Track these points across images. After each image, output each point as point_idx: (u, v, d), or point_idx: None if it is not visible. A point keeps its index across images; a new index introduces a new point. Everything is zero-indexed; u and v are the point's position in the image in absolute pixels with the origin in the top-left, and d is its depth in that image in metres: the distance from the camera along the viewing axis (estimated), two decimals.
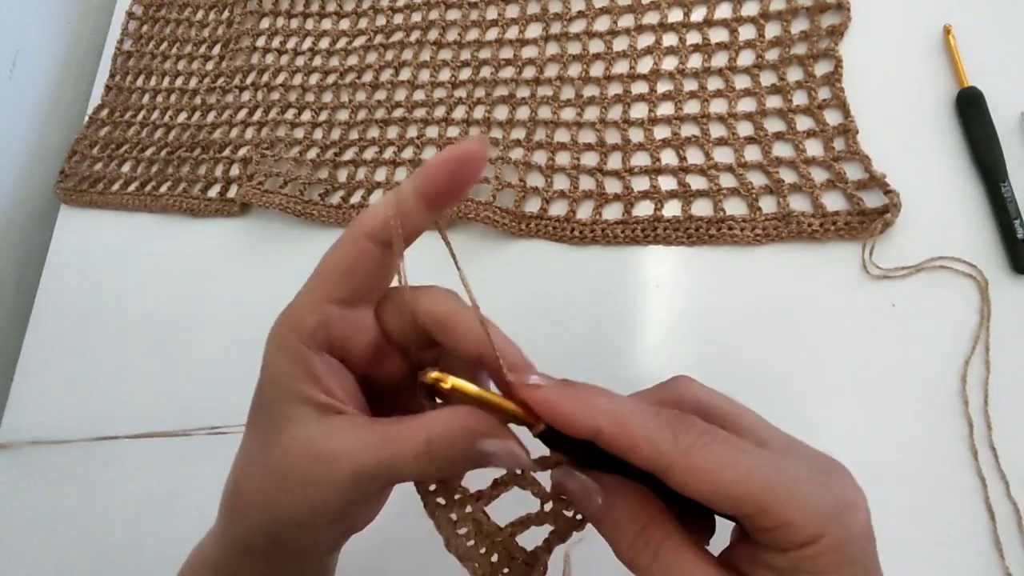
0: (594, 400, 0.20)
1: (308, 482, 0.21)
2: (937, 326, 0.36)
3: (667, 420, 0.19)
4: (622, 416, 0.19)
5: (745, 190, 0.40)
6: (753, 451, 0.19)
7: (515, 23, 0.50)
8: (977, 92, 0.38)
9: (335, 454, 0.21)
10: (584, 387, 0.20)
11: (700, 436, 0.19)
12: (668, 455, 0.18)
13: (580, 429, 0.19)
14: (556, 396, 0.20)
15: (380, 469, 0.21)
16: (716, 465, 0.18)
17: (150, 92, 0.61)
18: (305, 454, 0.21)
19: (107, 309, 0.54)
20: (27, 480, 0.51)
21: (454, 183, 0.21)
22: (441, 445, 0.21)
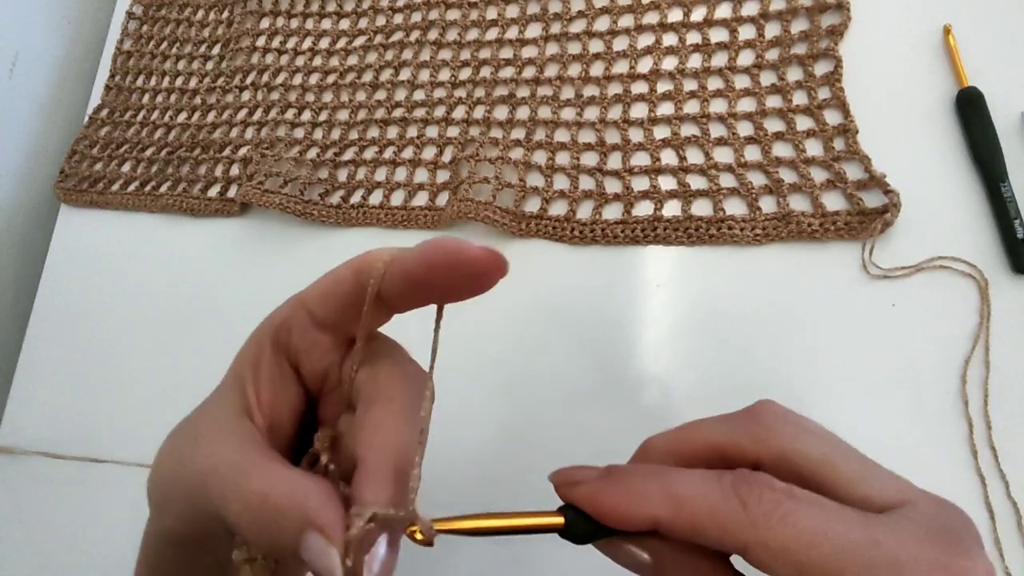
0: (644, 486, 0.17)
1: (182, 457, 0.20)
2: (937, 326, 0.36)
3: (732, 487, 0.17)
4: (678, 497, 0.17)
5: (745, 190, 0.40)
6: (845, 519, 0.16)
7: (515, 23, 0.50)
8: (977, 92, 0.38)
9: (204, 446, 0.20)
10: (631, 471, 0.18)
11: (777, 505, 0.16)
12: (740, 532, 0.16)
13: (636, 523, 0.17)
14: (602, 490, 0.18)
15: (216, 492, 0.18)
16: (799, 542, 0.15)
17: (150, 92, 0.61)
18: (195, 431, 0.21)
19: (107, 309, 0.54)
20: (27, 482, 0.51)
21: (445, 281, 0.19)
22: (272, 516, 0.17)
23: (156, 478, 0.21)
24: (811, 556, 0.15)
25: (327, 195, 0.49)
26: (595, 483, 0.18)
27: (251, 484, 0.18)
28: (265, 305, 0.24)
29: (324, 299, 0.21)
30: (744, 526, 0.16)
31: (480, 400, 0.41)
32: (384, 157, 0.50)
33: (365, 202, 0.49)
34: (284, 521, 0.17)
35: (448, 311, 0.21)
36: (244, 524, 0.18)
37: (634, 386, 0.39)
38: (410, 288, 0.19)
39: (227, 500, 0.18)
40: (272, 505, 0.17)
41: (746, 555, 0.16)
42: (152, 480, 0.22)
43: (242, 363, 0.22)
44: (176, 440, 0.22)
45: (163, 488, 0.21)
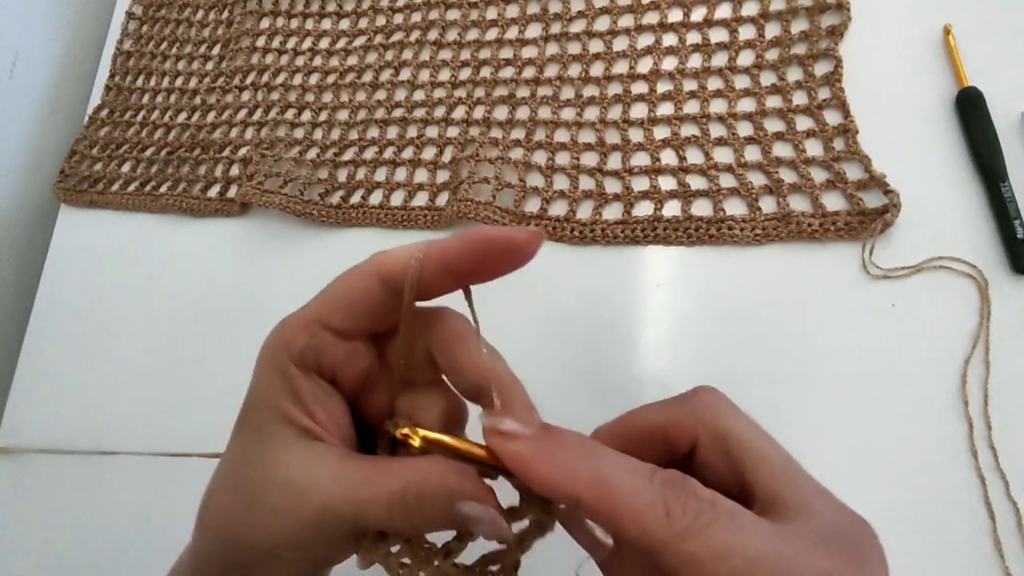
0: (575, 462, 0.17)
1: (274, 508, 0.20)
2: (937, 326, 0.36)
3: (661, 490, 0.17)
4: (606, 484, 0.17)
5: (745, 190, 0.40)
6: (758, 532, 0.17)
7: (515, 23, 0.50)
8: (977, 92, 0.38)
9: (306, 485, 0.20)
10: (566, 441, 0.18)
11: (698, 516, 0.16)
12: (658, 537, 0.16)
13: (557, 494, 0.18)
14: (531, 454, 0.18)
15: (349, 511, 0.19)
16: (712, 554, 0.16)
17: (150, 92, 0.61)
18: (277, 478, 0.20)
19: (107, 309, 0.54)
20: (26, 483, 0.51)
21: (487, 267, 0.20)
22: (417, 499, 0.19)
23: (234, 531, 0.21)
24: (717, 569, 0.16)
25: (327, 195, 0.49)
26: (525, 443, 0.18)
27: (383, 486, 0.19)
28: (265, 305, 0.24)
29: (351, 311, 0.21)
30: (663, 532, 0.16)
31: None
32: (384, 157, 0.50)
33: (365, 202, 0.49)
34: (432, 502, 0.19)
35: None
36: (393, 519, 0.19)
37: (634, 386, 0.39)
38: (447, 279, 0.20)
39: (366, 510, 0.19)
40: (415, 493, 0.19)
41: (657, 557, 0.17)
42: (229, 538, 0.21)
43: (272, 397, 0.21)
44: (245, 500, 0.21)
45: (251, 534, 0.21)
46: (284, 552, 0.20)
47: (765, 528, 0.17)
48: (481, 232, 0.19)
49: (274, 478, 0.20)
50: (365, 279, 0.20)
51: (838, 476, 0.34)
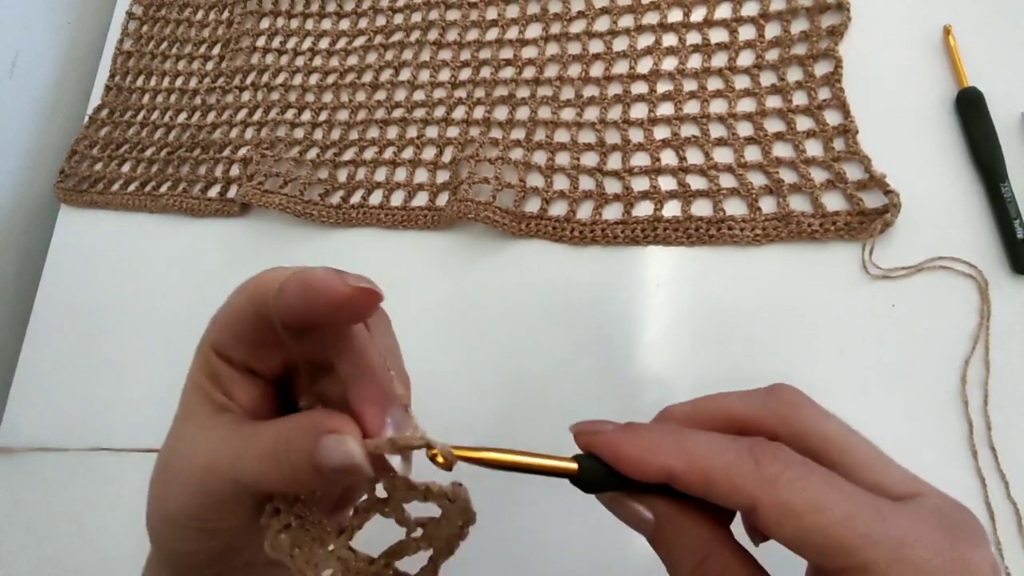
0: (660, 439, 0.18)
1: (178, 475, 0.21)
2: (937, 326, 0.36)
3: (747, 447, 0.17)
4: (692, 451, 0.17)
5: (745, 190, 0.40)
6: (857, 494, 0.16)
7: (515, 23, 0.50)
8: (977, 92, 0.38)
9: (198, 448, 0.21)
10: (648, 427, 0.19)
11: (789, 467, 0.16)
12: (751, 488, 0.16)
13: (650, 473, 0.18)
14: (619, 440, 0.19)
15: (227, 468, 0.20)
16: (808, 504, 0.16)
17: (150, 92, 0.61)
18: (183, 447, 0.21)
19: (107, 309, 0.54)
20: (27, 483, 0.51)
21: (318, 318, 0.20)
22: (285, 443, 0.19)
23: (155, 505, 0.22)
24: (815, 520, 0.15)
25: (327, 195, 0.49)
26: (614, 433, 0.19)
27: (259, 439, 0.20)
28: None
29: (234, 323, 0.22)
30: (755, 483, 0.16)
31: (479, 400, 0.41)
32: (384, 157, 0.50)
33: (365, 202, 0.49)
34: (298, 443, 0.19)
35: (447, 311, 0.21)
36: (264, 469, 0.19)
37: (634, 386, 0.39)
38: (297, 318, 0.20)
39: (242, 464, 0.19)
40: (284, 439, 0.19)
41: (753, 512, 0.16)
42: (151, 512, 0.22)
43: (196, 377, 0.22)
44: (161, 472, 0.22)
45: (162, 506, 0.22)
46: (184, 520, 0.21)
47: (865, 493, 0.17)
48: (310, 283, 0.19)
49: (182, 447, 0.21)
50: (242, 299, 0.22)
51: None
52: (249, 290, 0.21)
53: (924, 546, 0.15)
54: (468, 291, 0.44)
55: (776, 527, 0.16)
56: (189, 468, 0.20)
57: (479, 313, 0.43)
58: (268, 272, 0.21)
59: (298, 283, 0.20)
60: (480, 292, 0.44)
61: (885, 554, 0.15)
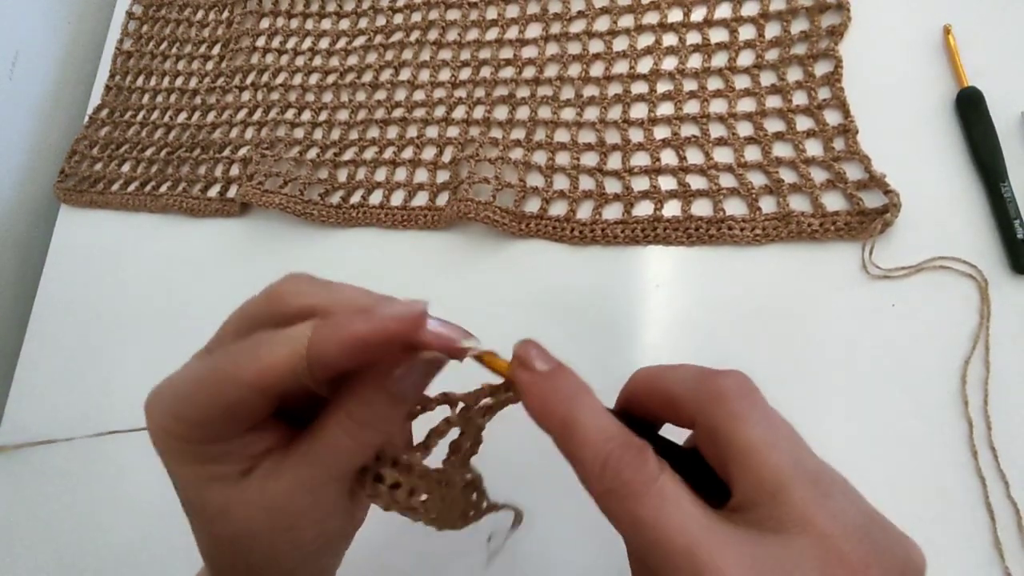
0: (555, 404, 0.20)
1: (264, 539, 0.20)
2: (937, 326, 0.36)
3: (609, 448, 0.18)
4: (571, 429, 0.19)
5: (745, 190, 0.40)
6: (688, 519, 0.17)
7: (515, 23, 0.50)
8: (977, 92, 0.38)
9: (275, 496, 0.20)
10: (558, 386, 0.20)
11: (628, 483, 0.18)
12: (591, 487, 0.18)
13: (538, 423, 0.20)
14: (528, 386, 0.20)
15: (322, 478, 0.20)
16: (628, 520, 0.18)
17: (150, 92, 0.61)
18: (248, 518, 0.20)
19: (107, 309, 0.54)
20: (27, 481, 0.51)
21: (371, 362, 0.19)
22: (367, 410, 0.20)
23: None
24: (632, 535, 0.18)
25: (327, 195, 0.49)
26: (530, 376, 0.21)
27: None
28: None
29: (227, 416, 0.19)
30: (595, 484, 0.18)
31: None
32: (384, 157, 0.50)
33: (365, 202, 0.49)
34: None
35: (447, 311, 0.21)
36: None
37: None
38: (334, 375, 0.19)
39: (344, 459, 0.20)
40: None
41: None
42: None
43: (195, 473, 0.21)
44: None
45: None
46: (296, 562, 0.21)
47: (702, 520, 0.17)
48: (357, 332, 0.18)
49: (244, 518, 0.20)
50: (240, 391, 0.19)
51: None
52: (249, 382, 0.19)
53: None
54: (468, 291, 0.44)
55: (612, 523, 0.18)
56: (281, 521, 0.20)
57: (479, 313, 0.43)
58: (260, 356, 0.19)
59: (331, 342, 0.18)
60: (480, 292, 0.44)
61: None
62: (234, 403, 0.19)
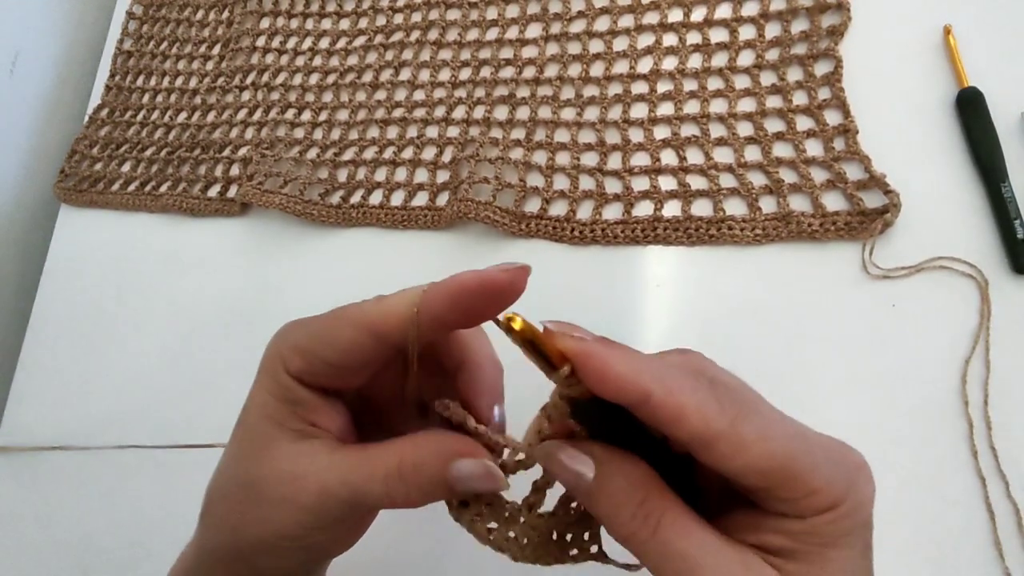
0: (641, 363, 0.18)
1: (274, 501, 0.21)
2: (937, 326, 0.36)
3: (711, 388, 0.18)
4: (671, 383, 0.17)
5: (745, 190, 0.40)
6: (783, 423, 0.19)
7: (515, 23, 0.50)
8: (977, 92, 0.38)
9: (303, 474, 0.21)
10: (627, 349, 0.19)
11: (741, 407, 0.18)
12: (716, 426, 0.17)
13: (628, 393, 0.17)
14: (606, 354, 0.18)
15: (346, 490, 0.21)
16: (757, 436, 0.17)
17: (150, 92, 0.61)
18: (275, 474, 0.21)
19: (107, 309, 0.54)
20: (27, 482, 0.51)
21: (475, 315, 0.21)
22: (413, 467, 0.20)
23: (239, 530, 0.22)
24: (763, 448, 0.17)
25: (327, 195, 0.49)
26: (598, 345, 0.18)
27: (379, 462, 0.21)
28: (265, 305, 0.24)
29: (344, 358, 0.21)
30: (719, 422, 0.17)
31: None
32: (384, 157, 0.50)
33: (365, 202, 0.49)
34: (429, 467, 0.20)
35: None
36: (390, 491, 0.21)
37: None
38: (439, 328, 0.21)
39: (364, 487, 0.21)
40: (411, 463, 0.21)
41: (710, 448, 0.17)
42: (230, 538, 0.22)
43: (270, 404, 0.22)
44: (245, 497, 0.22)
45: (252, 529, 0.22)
46: (284, 543, 0.21)
47: (789, 423, 0.19)
48: (465, 284, 0.20)
49: (275, 472, 0.21)
50: (359, 333, 0.21)
51: None
52: (368, 324, 0.21)
53: (831, 453, 0.19)
54: None
55: (730, 459, 0.17)
56: (294, 492, 0.21)
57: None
58: (384, 304, 0.21)
59: (447, 291, 0.20)
60: None
61: (809, 467, 0.18)
62: (350, 343, 0.21)
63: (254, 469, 0.22)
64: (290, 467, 0.21)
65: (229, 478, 0.23)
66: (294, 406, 0.22)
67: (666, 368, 0.18)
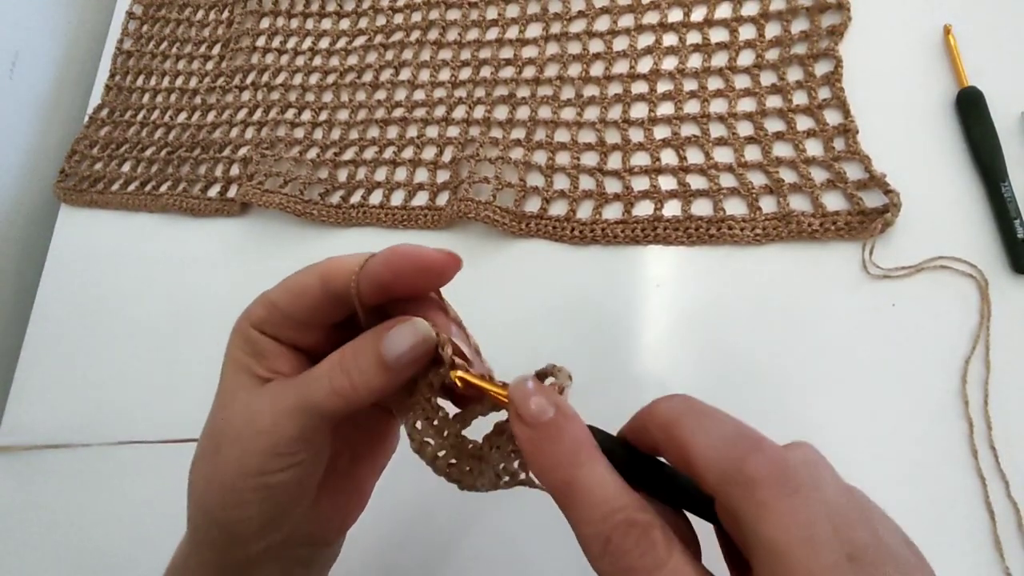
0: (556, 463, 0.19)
1: (231, 438, 0.22)
2: (937, 326, 0.36)
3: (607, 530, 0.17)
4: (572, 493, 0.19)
5: (745, 190, 0.40)
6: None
7: (515, 23, 0.50)
8: (977, 92, 0.38)
9: (259, 407, 0.22)
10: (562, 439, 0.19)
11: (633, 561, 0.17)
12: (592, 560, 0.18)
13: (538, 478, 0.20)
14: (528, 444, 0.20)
15: (295, 399, 0.21)
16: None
17: (150, 92, 0.61)
18: (235, 415, 0.22)
19: (107, 309, 0.54)
20: (28, 482, 0.51)
21: (408, 284, 0.22)
22: (352, 353, 0.21)
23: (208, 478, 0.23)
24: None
25: (327, 195, 0.49)
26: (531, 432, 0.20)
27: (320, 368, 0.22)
28: None
29: (297, 302, 0.23)
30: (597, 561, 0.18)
31: None
32: (384, 157, 0.50)
33: (365, 202, 0.49)
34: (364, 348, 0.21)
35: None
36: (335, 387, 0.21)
37: (634, 386, 0.39)
38: (378, 290, 0.22)
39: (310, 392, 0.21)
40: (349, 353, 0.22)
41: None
42: (201, 488, 0.23)
43: (236, 354, 0.24)
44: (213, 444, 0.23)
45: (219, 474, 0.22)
46: (247, 482, 0.22)
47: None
48: (403, 250, 0.21)
49: (235, 413, 0.22)
50: (309, 278, 0.22)
51: None
52: (319, 271, 0.22)
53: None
54: (468, 291, 0.44)
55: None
56: (252, 425, 0.22)
57: (479, 313, 0.43)
58: (336, 258, 0.22)
59: (385, 255, 0.21)
60: (480, 292, 0.44)
61: None
62: (302, 286, 0.22)
63: (219, 418, 0.23)
64: (248, 406, 0.22)
65: (204, 439, 0.23)
66: (257, 357, 0.23)
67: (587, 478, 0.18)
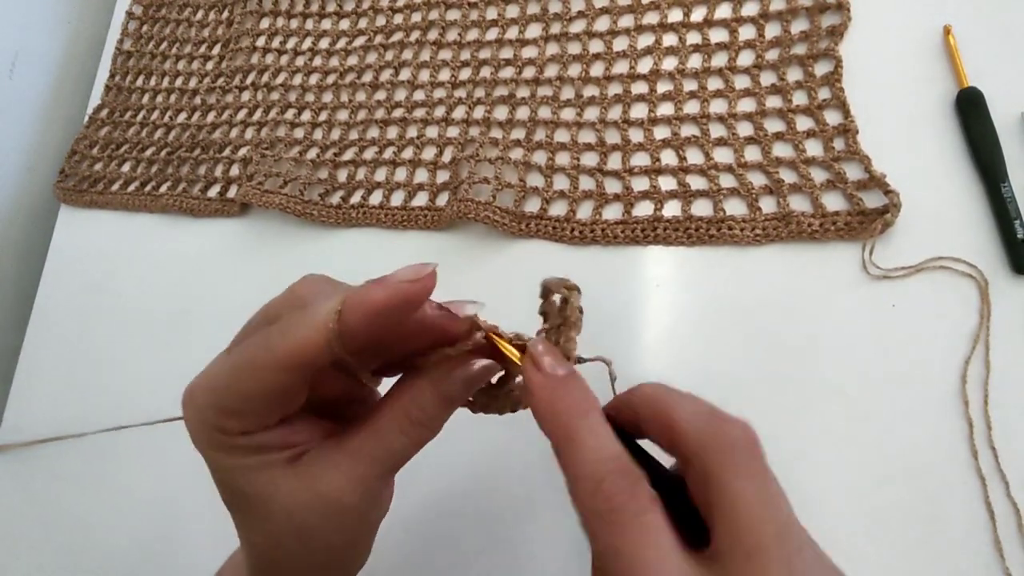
0: (560, 412, 0.20)
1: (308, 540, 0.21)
2: (937, 326, 0.36)
3: (606, 470, 0.19)
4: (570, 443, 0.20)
5: (745, 190, 0.40)
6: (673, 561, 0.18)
7: (515, 23, 0.50)
8: (977, 92, 0.38)
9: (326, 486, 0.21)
10: (569, 392, 0.21)
11: (617, 509, 0.18)
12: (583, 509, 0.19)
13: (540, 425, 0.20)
14: (537, 389, 0.21)
15: (370, 469, 0.21)
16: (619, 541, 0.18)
17: (150, 92, 0.61)
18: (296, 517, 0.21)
19: (107, 309, 0.54)
20: (28, 479, 0.51)
21: (391, 328, 0.20)
22: (418, 410, 0.22)
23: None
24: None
25: (327, 195, 0.49)
26: (542, 379, 0.21)
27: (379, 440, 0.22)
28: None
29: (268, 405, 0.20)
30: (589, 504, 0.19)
31: None
32: (384, 157, 0.50)
33: (365, 202, 0.49)
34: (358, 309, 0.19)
35: None
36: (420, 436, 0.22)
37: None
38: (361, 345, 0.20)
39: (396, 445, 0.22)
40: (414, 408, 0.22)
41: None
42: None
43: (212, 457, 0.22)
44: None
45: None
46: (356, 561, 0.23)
47: (680, 565, 0.18)
48: (377, 302, 0.19)
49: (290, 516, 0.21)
50: (277, 375, 0.19)
51: (838, 476, 0.34)
52: (279, 360, 0.19)
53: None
54: (468, 291, 0.44)
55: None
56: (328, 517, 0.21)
57: (478, 313, 0.43)
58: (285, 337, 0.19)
59: (357, 313, 0.19)
60: (480, 292, 0.44)
61: None
62: (271, 386, 0.19)
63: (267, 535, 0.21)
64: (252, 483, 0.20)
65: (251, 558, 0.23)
66: (265, 452, 0.21)
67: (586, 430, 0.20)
